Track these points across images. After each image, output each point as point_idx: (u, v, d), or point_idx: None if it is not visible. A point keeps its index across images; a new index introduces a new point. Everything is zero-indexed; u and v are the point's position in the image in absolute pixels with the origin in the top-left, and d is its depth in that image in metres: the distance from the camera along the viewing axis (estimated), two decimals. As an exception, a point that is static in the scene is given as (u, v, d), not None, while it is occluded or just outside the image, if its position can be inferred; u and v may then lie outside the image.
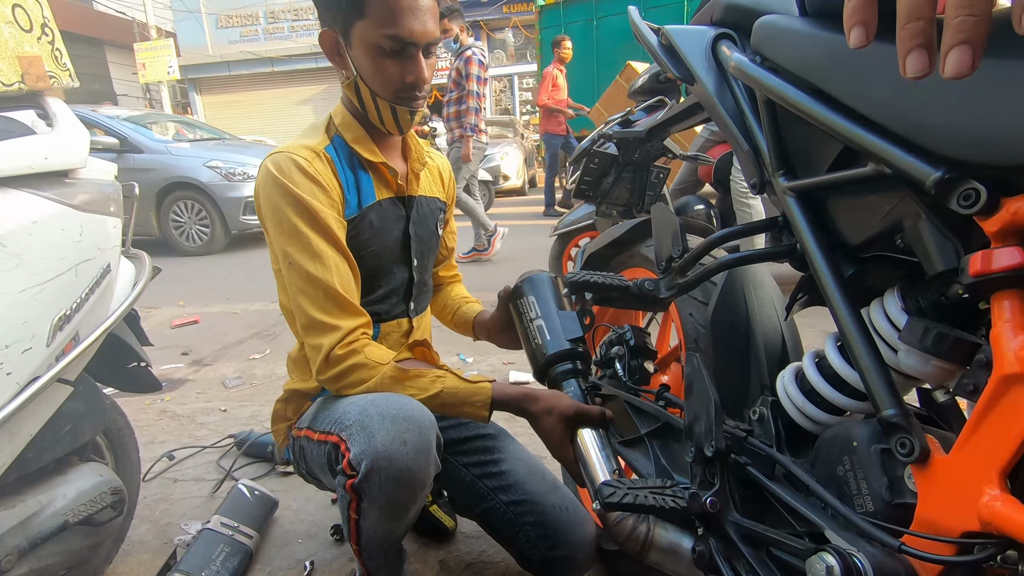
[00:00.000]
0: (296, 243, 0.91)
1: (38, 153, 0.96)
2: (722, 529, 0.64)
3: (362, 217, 0.99)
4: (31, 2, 1.07)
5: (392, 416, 0.83)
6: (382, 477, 0.80)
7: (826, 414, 0.66)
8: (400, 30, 0.88)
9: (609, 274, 0.87)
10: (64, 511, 0.95)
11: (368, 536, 0.88)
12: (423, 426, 0.84)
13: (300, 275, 0.91)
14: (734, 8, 0.79)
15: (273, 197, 0.92)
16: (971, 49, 0.28)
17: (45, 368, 0.87)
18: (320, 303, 0.91)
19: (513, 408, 0.90)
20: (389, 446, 0.80)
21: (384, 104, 0.95)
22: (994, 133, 0.43)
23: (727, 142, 0.99)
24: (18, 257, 0.83)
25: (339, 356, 0.90)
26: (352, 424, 0.85)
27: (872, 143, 0.52)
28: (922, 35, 0.31)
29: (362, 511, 0.84)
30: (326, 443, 0.90)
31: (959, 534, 0.46)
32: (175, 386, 2.43)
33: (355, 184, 1.00)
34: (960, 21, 0.28)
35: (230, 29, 15.96)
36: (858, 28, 0.34)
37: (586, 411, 0.84)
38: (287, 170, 0.92)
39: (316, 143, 0.97)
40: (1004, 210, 0.43)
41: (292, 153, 0.93)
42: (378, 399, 0.86)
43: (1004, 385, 0.42)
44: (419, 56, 0.91)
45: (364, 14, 0.88)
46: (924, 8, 0.30)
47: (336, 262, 0.92)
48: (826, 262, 0.60)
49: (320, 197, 0.92)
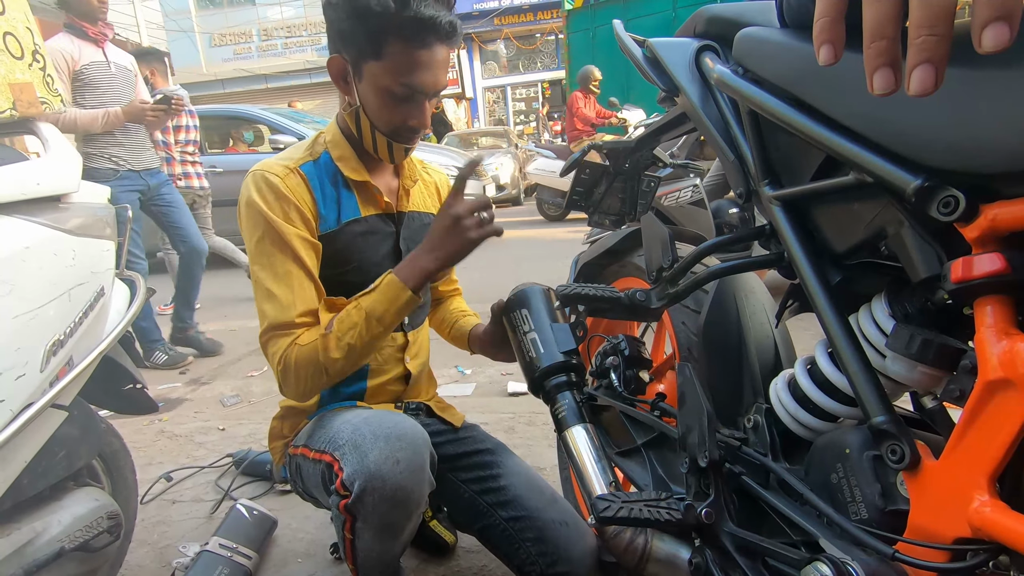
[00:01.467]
0: (262, 261, 0.93)
1: (30, 179, 0.96)
2: (718, 540, 0.64)
3: (340, 232, 1.00)
4: (22, 29, 1.08)
5: (385, 435, 0.82)
6: (375, 497, 0.80)
7: (819, 421, 0.66)
8: (413, 80, 0.90)
9: (600, 286, 0.87)
10: (60, 537, 0.95)
11: (364, 556, 0.87)
12: (416, 444, 0.83)
13: (262, 293, 0.93)
14: (716, 20, 0.80)
15: (244, 214, 0.95)
16: (934, 68, 0.29)
17: (39, 394, 0.87)
18: (275, 322, 0.92)
19: (418, 261, 0.91)
20: (382, 466, 0.80)
21: (381, 138, 0.98)
22: (970, 141, 0.44)
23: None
24: (11, 283, 0.83)
25: (284, 361, 0.91)
26: (345, 443, 0.84)
27: (853, 152, 0.53)
28: (886, 54, 0.31)
29: (357, 531, 0.84)
30: (320, 462, 0.90)
31: (951, 540, 0.46)
32: (172, 406, 2.42)
33: (335, 200, 1.00)
34: (922, 41, 0.29)
35: (223, 47, 16.07)
36: (826, 46, 0.35)
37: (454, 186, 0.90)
38: (259, 188, 0.94)
39: (293, 160, 0.98)
40: (983, 216, 0.44)
41: (266, 171, 0.95)
42: (371, 417, 0.86)
43: (989, 390, 0.43)
44: (425, 103, 0.94)
45: (381, 56, 0.89)
46: (888, 27, 0.31)
47: (300, 281, 0.93)
48: (813, 270, 0.61)
49: (290, 215, 0.94)
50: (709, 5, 0.83)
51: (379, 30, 0.87)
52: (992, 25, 0.27)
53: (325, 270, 0.99)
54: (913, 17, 0.29)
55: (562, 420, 0.83)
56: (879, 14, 0.31)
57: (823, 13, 0.35)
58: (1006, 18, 0.27)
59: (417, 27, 0.86)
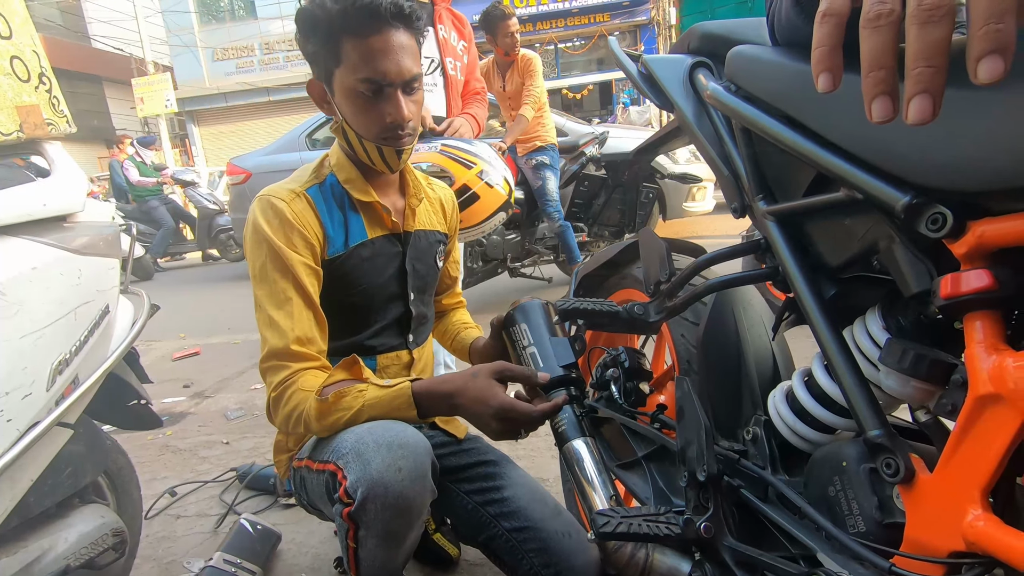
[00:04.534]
0: (264, 286, 0.94)
1: (37, 200, 0.98)
2: (718, 554, 0.64)
3: (348, 256, 1.01)
4: (29, 53, 1.10)
5: (387, 443, 0.83)
6: (378, 504, 0.81)
7: (817, 433, 0.67)
8: (373, 73, 0.89)
9: (599, 300, 0.88)
10: (66, 555, 0.95)
11: (367, 565, 0.87)
12: (418, 453, 0.84)
13: (263, 319, 0.94)
14: (709, 37, 0.82)
15: (250, 240, 0.96)
16: (931, 98, 0.30)
17: (45, 412, 0.88)
18: (273, 349, 0.92)
19: (441, 402, 0.87)
20: (384, 473, 0.81)
21: (370, 145, 0.97)
22: (957, 159, 0.45)
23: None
24: (18, 304, 0.85)
25: (276, 396, 0.92)
26: (348, 452, 0.85)
27: (843, 170, 0.53)
28: (884, 84, 0.32)
29: (360, 539, 0.84)
30: (324, 472, 0.91)
31: (947, 554, 0.46)
32: (176, 420, 2.43)
33: (343, 223, 1.01)
34: (919, 72, 0.30)
35: (226, 62, 16.21)
36: (825, 75, 0.35)
37: (510, 368, 0.85)
38: (266, 213, 0.95)
39: (299, 184, 0.99)
40: (970, 233, 0.45)
41: (272, 196, 0.96)
42: (374, 427, 0.87)
43: (979, 405, 0.43)
44: (397, 95, 0.93)
45: (340, 61, 0.90)
46: (885, 58, 0.32)
47: (300, 309, 0.94)
48: (807, 284, 0.61)
49: (294, 241, 0.94)
50: (702, 22, 0.85)
51: (330, 35, 0.89)
52: (987, 58, 0.28)
53: (333, 294, 0.99)
54: (910, 50, 0.30)
55: (562, 434, 0.83)
56: (877, 45, 0.32)
57: (821, 42, 0.35)
58: (1000, 51, 0.27)
59: (361, 17, 0.87)
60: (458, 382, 0.87)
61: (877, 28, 0.32)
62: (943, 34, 0.29)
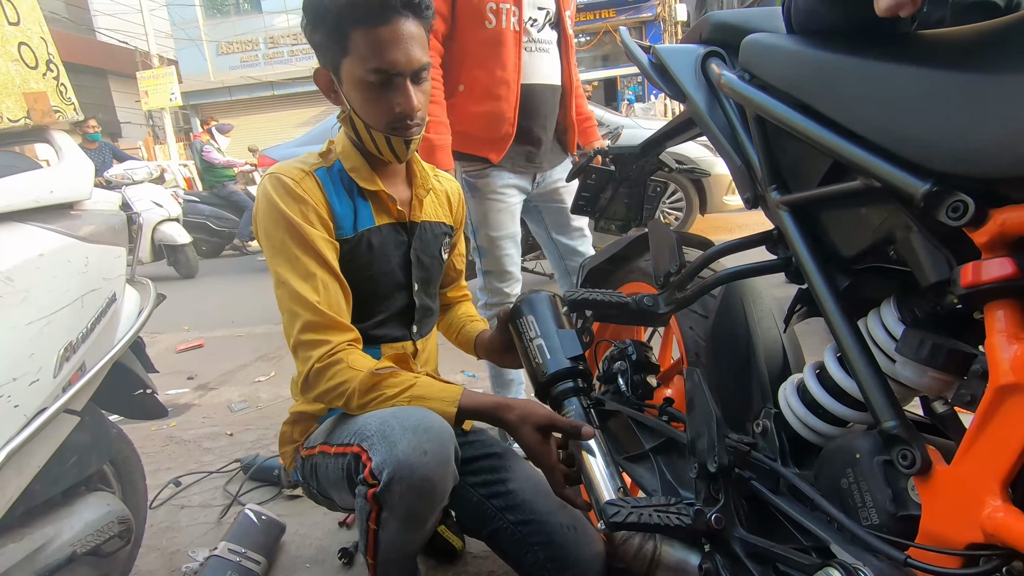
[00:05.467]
0: (286, 263, 0.93)
1: (44, 187, 0.98)
2: (728, 546, 0.63)
3: (358, 240, 1.00)
4: (37, 40, 1.10)
5: (413, 427, 0.83)
6: (403, 486, 0.81)
7: (829, 426, 0.66)
8: (382, 63, 0.89)
9: (608, 291, 0.87)
10: (72, 542, 0.95)
11: (386, 548, 0.87)
12: (443, 438, 0.84)
13: (289, 295, 0.93)
14: (722, 26, 0.81)
15: (266, 218, 0.95)
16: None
17: (52, 399, 0.88)
18: (308, 322, 0.92)
19: (486, 415, 0.90)
20: (410, 455, 0.81)
21: (379, 135, 0.97)
22: (979, 146, 0.44)
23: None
24: (25, 291, 0.85)
25: (321, 368, 0.91)
26: (374, 434, 0.85)
27: (861, 158, 0.53)
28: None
29: (382, 521, 0.84)
30: (345, 455, 0.91)
31: (964, 546, 0.46)
32: (181, 411, 2.43)
33: (352, 208, 1.01)
34: None
35: (231, 55, 16.21)
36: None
37: (558, 422, 0.85)
38: (278, 191, 0.94)
39: (308, 165, 0.99)
40: (992, 221, 0.44)
41: (282, 173, 0.95)
42: (398, 412, 0.87)
43: (1000, 395, 0.43)
44: (407, 85, 0.92)
45: (348, 51, 0.89)
46: None
47: (325, 282, 0.94)
48: (821, 275, 0.61)
49: (310, 217, 0.94)
50: (714, 12, 0.84)
51: (338, 24, 0.88)
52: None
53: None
54: None
55: (570, 426, 0.83)
56: None
57: None
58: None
59: (370, 6, 0.87)
60: (505, 401, 0.90)
61: None
62: None
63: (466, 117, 1.53)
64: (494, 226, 1.62)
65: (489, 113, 1.52)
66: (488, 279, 1.69)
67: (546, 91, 1.57)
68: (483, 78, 1.50)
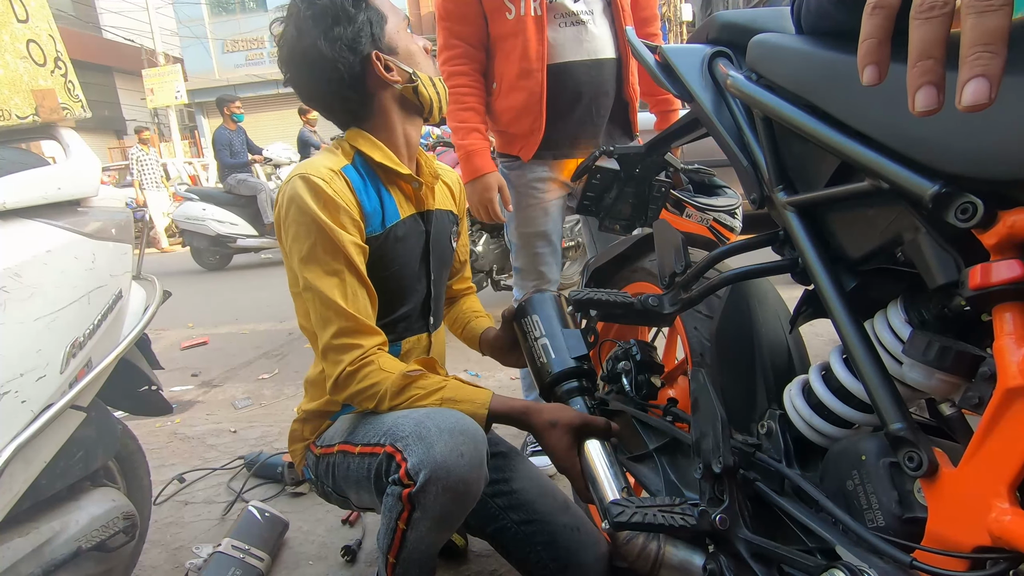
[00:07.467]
0: (316, 268, 0.92)
1: (52, 183, 0.98)
2: (732, 546, 0.63)
3: (387, 235, 1.00)
4: (45, 37, 1.10)
5: (449, 429, 0.83)
6: (439, 487, 0.81)
7: (834, 427, 0.66)
8: (397, 11, 0.98)
9: (613, 291, 0.87)
10: (77, 537, 0.96)
11: (411, 548, 0.87)
12: (477, 440, 0.85)
13: (318, 299, 0.93)
14: (729, 26, 0.81)
15: (295, 222, 0.93)
16: (989, 82, 0.29)
17: (59, 395, 0.88)
18: (340, 328, 0.92)
19: (516, 419, 0.90)
20: (448, 457, 0.81)
21: (440, 83, 1.03)
22: (989, 147, 0.44)
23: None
24: (33, 287, 0.85)
25: (353, 371, 0.92)
26: (409, 435, 0.85)
27: (869, 159, 0.52)
28: (932, 73, 0.32)
29: (413, 521, 0.84)
30: (375, 455, 0.90)
31: (971, 549, 0.45)
32: (185, 408, 2.44)
33: (379, 203, 1.00)
34: (977, 56, 0.29)
35: (236, 53, 16.25)
36: (872, 68, 0.35)
37: (591, 421, 0.85)
38: (307, 193, 0.92)
39: (335, 163, 0.97)
40: (1001, 223, 0.44)
41: (311, 174, 0.93)
42: (432, 413, 0.87)
43: (1009, 398, 0.42)
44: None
45: (383, 15, 0.96)
46: (935, 48, 0.32)
47: (354, 288, 0.94)
48: (828, 276, 0.61)
49: (342, 219, 0.93)
50: (721, 11, 0.84)
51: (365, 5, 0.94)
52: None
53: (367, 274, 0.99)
54: (966, 37, 0.30)
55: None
56: (929, 35, 0.32)
57: (870, 34, 0.35)
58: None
59: None
60: (534, 405, 0.91)
61: (930, 19, 0.32)
62: (1002, 23, 0.29)
63: (498, 114, 1.51)
64: (523, 222, 1.56)
65: (514, 107, 1.46)
66: (519, 276, 1.64)
67: (587, 68, 1.40)
68: (508, 72, 1.45)
